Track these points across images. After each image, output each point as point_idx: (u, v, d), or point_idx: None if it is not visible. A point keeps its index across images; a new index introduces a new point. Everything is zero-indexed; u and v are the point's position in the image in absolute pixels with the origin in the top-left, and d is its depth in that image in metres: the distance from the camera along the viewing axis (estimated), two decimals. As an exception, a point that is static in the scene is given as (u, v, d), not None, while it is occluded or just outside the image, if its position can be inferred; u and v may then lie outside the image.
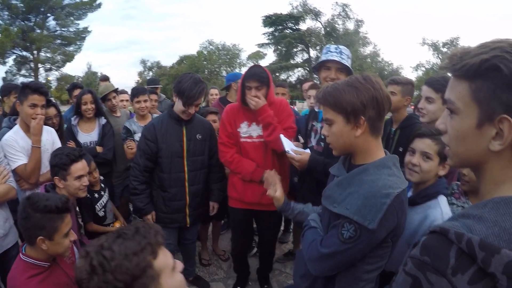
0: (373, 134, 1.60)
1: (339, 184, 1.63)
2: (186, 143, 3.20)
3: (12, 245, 2.87)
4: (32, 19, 42.31)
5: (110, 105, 4.54)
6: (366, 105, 1.51)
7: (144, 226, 1.20)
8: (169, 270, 1.20)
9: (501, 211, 0.82)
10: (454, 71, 0.91)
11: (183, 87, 3.02)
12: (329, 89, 1.59)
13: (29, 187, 2.94)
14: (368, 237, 1.44)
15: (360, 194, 1.48)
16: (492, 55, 0.82)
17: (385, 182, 1.47)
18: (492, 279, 0.75)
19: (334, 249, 1.52)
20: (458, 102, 0.90)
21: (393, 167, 1.56)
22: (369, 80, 1.55)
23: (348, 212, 1.48)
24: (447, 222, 0.88)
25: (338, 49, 2.77)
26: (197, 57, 52.05)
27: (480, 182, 0.95)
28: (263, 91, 2.92)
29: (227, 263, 4.38)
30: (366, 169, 1.56)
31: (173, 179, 3.20)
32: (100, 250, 1.10)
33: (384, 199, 1.42)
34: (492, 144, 0.86)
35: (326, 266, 1.59)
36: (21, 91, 2.94)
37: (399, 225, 1.50)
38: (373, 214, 1.41)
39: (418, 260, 0.86)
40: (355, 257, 1.52)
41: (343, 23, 47.23)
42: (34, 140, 2.89)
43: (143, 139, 3.18)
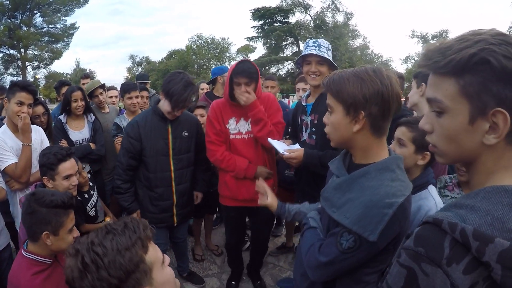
0: (375, 132, 1.47)
1: (338, 187, 1.53)
2: (171, 141, 3.12)
3: (4, 247, 2.85)
4: (19, 16, 41.73)
5: (97, 101, 4.49)
6: (368, 99, 1.39)
7: (132, 221, 1.19)
8: (159, 263, 1.19)
9: (493, 200, 0.82)
10: (438, 68, 0.88)
11: (172, 90, 2.90)
12: (335, 77, 1.48)
13: (20, 187, 2.90)
14: (368, 248, 1.37)
15: (360, 203, 1.39)
16: (479, 48, 0.81)
17: (388, 190, 1.37)
18: (486, 268, 0.76)
19: (332, 258, 1.45)
20: (446, 100, 0.89)
21: (397, 170, 1.44)
22: (379, 73, 1.42)
23: (347, 221, 1.40)
24: (440, 213, 0.88)
25: (317, 43, 2.81)
26: (186, 52, 51.70)
27: (472, 174, 0.95)
28: (252, 86, 2.87)
29: (221, 258, 4.38)
30: (367, 172, 1.45)
31: (159, 178, 3.13)
32: (91, 247, 1.08)
33: (386, 210, 1.33)
34: (487, 138, 0.85)
35: (323, 273, 1.54)
36: (9, 89, 2.92)
37: (402, 232, 1.40)
38: (374, 225, 1.33)
39: (413, 251, 0.86)
40: (354, 266, 1.46)
41: (332, 15, 47.19)
42: (23, 138, 2.85)
43: (126, 137, 3.10)
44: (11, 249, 3.03)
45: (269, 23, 49.39)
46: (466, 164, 0.96)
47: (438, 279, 0.80)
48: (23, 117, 2.82)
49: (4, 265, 2.86)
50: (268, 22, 49.42)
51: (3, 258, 2.85)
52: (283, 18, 49.04)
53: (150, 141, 3.06)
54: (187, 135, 3.21)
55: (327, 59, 2.75)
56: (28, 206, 1.89)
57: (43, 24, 43.92)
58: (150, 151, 3.07)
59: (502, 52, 0.79)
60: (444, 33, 45.55)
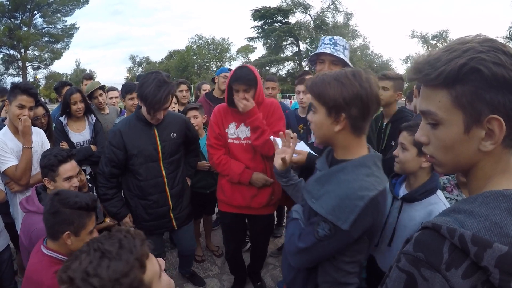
0: (354, 132, 1.57)
1: (318, 180, 1.65)
2: (160, 145, 2.98)
3: (4, 248, 2.86)
4: (19, 16, 41.74)
5: (97, 102, 4.50)
6: (348, 102, 1.48)
7: (127, 237, 1.11)
8: (157, 277, 1.15)
9: (491, 205, 0.83)
10: (429, 81, 0.89)
11: (146, 92, 2.74)
12: (317, 79, 1.57)
13: (19, 189, 2.90)
14: (342, 236, 1.48)
15: (336, 195, 1.50)
16: (468, 57, 0.81)
17: (361, 184, 1.48)
18: (484, 272, 0.77)
19: (310, 245, 1.56)
20: (440, 111, 0.89)
21: (372, 167, 1.55)
22: (358, 77, 1.50)
23: (323, 211, 1.51)
24: (439, 218, 0.89)
25: (332, 40, 2.68)
26: (186, 52, 51.72)
27: (470, 180, 0.96)
28: (251, 93, 2.79)
29: (221, 259, 4.38)
30: (344, 167, 1.56)
31: (151, 185, 2.99)
32: (86, 278, 0.99)
33: (358, 202, 1.43)
34: (483, 145, 0.86)
35: (303, 259, 1.65)
36: (10, 91, 2.91)
37: (375, 224, 1.53)
38: (346, 215, 1.44)
39: (412, 256, 0.87)
40: (330, 253, 1.57)
41: (332, 16, 47.18)
42: (24, 141, 2.85)
43: (109, 146, 2.94)
44: (11, 250, 3.03)
45: (269, 23, 49.40)
46: (464, 171, 0.96)
47: (437, 284, 0.81)
48: (24, 119, 2.81)
49: (4, 266, 2.87)
50: (268, 22, 49.43)
51: (3, 259, 2.86)
52: (283, 19, 49.06)
53: (137, 149, 2.91)
54: (176, 136, 3.08)
55: (342, 59, 2.64)
56: (51, 205, 1.91)
57: (43, 25, 43.98)
58: (139, 159, 2.93)
59: (491, 59, 0.80)
60: (444, 33, 45.60)
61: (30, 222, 2.33)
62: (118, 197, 3.06)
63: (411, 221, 1.98)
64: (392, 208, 2.12)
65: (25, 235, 2.34)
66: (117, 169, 2.98)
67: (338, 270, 1.64)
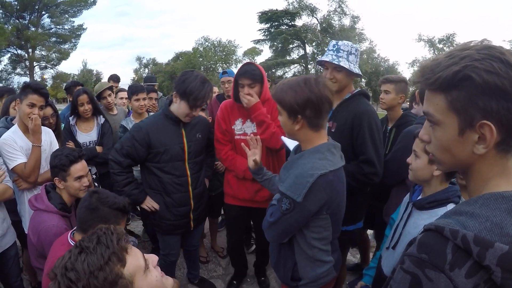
0: (312, 128, 1.87)
1: (285, 166, 2.03)
2: (187, 145, 2.99)
3: (10, 245, 2.89)
4: (27, 17, 42.08)
5: (106, 103, 4.53)
6: (301, 106, 1.79)
7: (106, 233, 1.14)
8: (141, 271, 1.16)
9: (492, 206, 0.87)
10: (428, 85, 0.94)
11: (190, 88, 2.76)
12: (278, 88, 1.91)
13: (28, 186, 2.94)
14: (300, 209, 1.77)
15: (294, 175, 1.82)
16: (463, 65, 0.85)
17: (313, 165, 1.78)
18: (487, 271, 0.80)
19: (277, 218, 1.86)
20: (437, 114, 0.94)
21: (326, 152, 1.85)
22: (309, 83, 1.81)
23: (284, 188, 1.83)
24: (441, 220, 0.92)
25: (336, 47, 2.70)
26: (193, 54, 51.81)
27: (469, 181, 0.99)
28: (256, 89, 2.88)
29: (226, 260, 4.39)
30: (303, 154, 1.89)
31: (176, 183, 3.00)
32: (64, 272, 1.04)
33: (308, 178, 1.73)
34: (477, 148, 0.90)
35: (274, 232, 1.95)
36: (21, 90, 2.95)
37: (331, 200, 1.82)
38: (300, 190, 1.74)
39: (416, 257, 0.89)
40: (293, 225, 1.86)
41: (339, 19, 47.09)
42: (34, 139, 2.89)
43: (132, 140, 2.90)
44: (17, 248, 3.06)
45: (275, 26, 49.39)
46: (463, 171, 1.00)
47: (442, 284, 0.83)
48: (34, 118, 2.85)
49: (11, 262, 2.90)
50: (274, 25, 49.42)
51: (10, 255, 2.89)
52: (290, 21, 49.02)
53: (165, 147, 2.91)
54: (201, 137, 3.11)
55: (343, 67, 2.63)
56: (90, 202, 2.00)
57: (51, 25, 44.27)
58: (165, 157, 2.93)
59: (484, 67, 0.83)
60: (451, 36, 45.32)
61: (39, 220, 2.36)
62: (136, 181, 3.06)
63: (415, 229, 1.90)
64: (405, 212, 2.12)
65: (33, 232, 2.37)
66: (134, 162, 2.99)
67: (310, 247, 1.93)
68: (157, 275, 1.22)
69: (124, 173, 2.97)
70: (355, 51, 2.73)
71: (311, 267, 1.97)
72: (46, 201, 2.42)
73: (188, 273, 3.83)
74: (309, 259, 1.96)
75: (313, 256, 1.94)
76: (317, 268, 1.97)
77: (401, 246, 2.03)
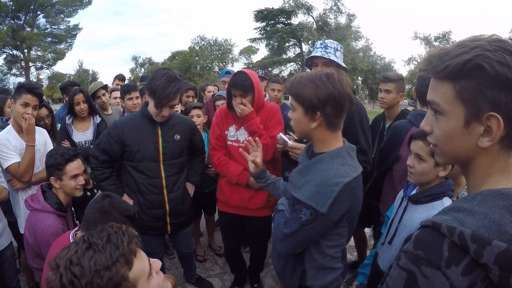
0: (330, 128, 1.73)
1: (300, 171, 1.82)
2: (162, 146, 2.91)
3: (6, 246, 2.87)
4: (22, 17, 42.01)
5: (100, 102, 4.52)
6: (322, 102, 1.64)
7: (116, 232, 1.11)
8: (145, 276, 1.13)
9: (490, 203, 0.84)
10: (436, 73, 0.91)
11: (155, 86, 2.73)
12: (295, 81, 1.73)
13: (22, 186, 2.93)
14: (322, 220, 1.64)
15: (314, 182, 1.66)
16: (474, 54, 0.83)
17: (336, 172, 1.64)
18: (484, 269, 0.79)
19: (294, 230, 1.72)
20: (443, 103, 0.91)
21: (346, 157, 1.72)
22: (331, 78, 1.65)
23: (304, 197, 1.67)
24: (438, 216, 0.90)
25: (323, 44, 2.81)
26: (189, 53, 51.77)
27: (468, 176, 0.97)
28: (248, 98, 2.82)
29: (223, 259, 4.37)
30: (321, 158, 1.72)
31: (149, 184, 2.93)
32: (69, 266, 1.01)
33: (333, 187, 1.60)
34: (481, 141, 0.87)
35: (289, 244, 1.81)
36: (16, 90, 2.94)
37: (353, 208, 1.70)
38: (324, 199, 1.60)
39: (412, 254, 0.88)
40: (313, 236, 1.73)
41: (335, 17, 47.27)
42: (28, 138, 2.88)
43: (108, 136, 2.89)
44: (13, 248, 3.04)
45: (271, 24, 49.48)
46: (463, 166, 0.98)
47: (438, 281, 0.82)
48: (28, 118, 2.84)
49: (7, 263, 2.89)
50: (270, 23, 49.51)
51: (6, 256, 2.87)
52: (286, 20, 49.10)
53: (139, 146, 2.86)
54: (179, 138, 3.01)
55: (333, 60, 2.73)
56: (102, 205, 1.98)
57: (46, 25, 44.23)
58: (139, 156, 2.88)
59: (496, 58, 0.81)
60: (447, 34, 45.57)
61: (35, 220, 2.36)
62: (115, 177, 3.00)
63: (411, 222, 1.97)
64: (400, 207, 2.15)
65: (30, 233, 2.36)
66: (110, 158, 2.94)
67: (323, 255, 1.81)
68: (159, 282, 1.20)
69: (101, 168, 2.93)
70: (340, 48, 2.85)
71: (321, 274, 1.86)
72: (42, 201, 2.41)
73: (185, 274, 3.81)
74: (320, 267, 1.85)
75: (324, 264, 1.84)
76: (327, 276, 1.87)
77: (397, 240, 2.06)
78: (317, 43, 2.86)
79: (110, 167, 2.97)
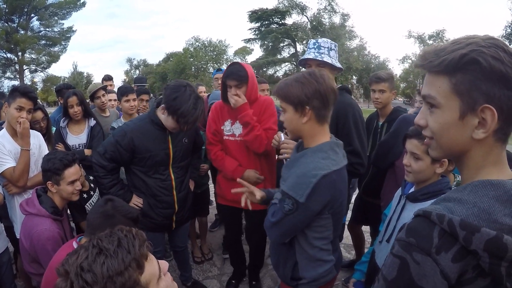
0: (319, 121, 1.85)
1: (287, 165, 1.99)
2: (172, 151, 2.94)
3: (3, 251, 2.86)
4: (16, 20, 41.73)
5: (100, 102, 4.49)
6: (310, 97, 1.77)
7: (127, 236, 1.09)
8: (156, 279, 1.12)
9: (480, 193, 0.88)
10: (432, 67, 0.94)
11: (182, 110, 2.62)
12: (281, 84, 1.87)
13: (17, 191, 2.90)
14: (303, 209, 1.75)
15: (296, 174, 1.80)
16: (470, 49, 0.87)
17: (316, 165, 1.75)
18: (474, 256, 0.82)
19: (279, 219, 1.83)
20: (439, 96, 0.94)
21: (329, 151, 1.82)
22: (314, 75, 1.81)
23: (286, 188, 1.81)
24: (430, 206, 0.95)
25: (316, 44, 2.78)
26: (184, 54, 51.73)
27: (462, 169, 1.00)
28: (243, 89, 2.87)
29: (221, 260, 4.37)
30: (305, 153, 1.85)
31: (160, 187, 2.97)
32: (80, 273, 0.97)
33: (311, 179, 1.71)
34: (476, 133, 0.90)
35: (276, 232, 1.92)
36: (10, 93, 2.93)
37: (334, 199, 1.80)
38: (303, 190, 1.72)
39: (404, 241, 0.92)
40: (296, 225, 1.84)
41: (329, 17, 47.31)
42: (22, 143, 2.85)
43: (116, 145, 2.81)
44: (10, 253, 3.03)
45: (266, 25, 49.55)
46: (457, 159, 1.00)
47: (428, 267, 0.86)
48: (22, 122, 2.82)
49: (4, 269, 2.87)
50: (265, 24, 49.58)
51: (2, 262, 2.86)
52: (280, 20, 49.19)
53: (150, 153, 2.85)
54: (187, 141, 3.06)
55: (326, 62, 2.71)
56: (105, 209, 2.00)
57: (40, 28, 44.01)
58: (150, 163, 2.89)
59: (490, 54, 0.85)
60: (440, 33, 45.77)
61: (30, 224, 2.34)
62: (122, 181, 3.03)
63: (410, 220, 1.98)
64: (397, 205, 2.17)
65: (25, 237, 2.35)
66: (118, 165, 2.95)
67: (311, 246, 1.91)
68: (168, 283, 1.19)
69: (109, 175, 2.91)
70: (334, 47, 2.83)
71: (312, 266, 1.95)
72: (37, 205, 2.40)
73: (181, 275, 3.80)
74: (310, 259, 1.94)
75: (314, 255, 1.93)
76: (318, 268, 1.95)
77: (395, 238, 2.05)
78: (310, 43, 2.84)
79: (116, 173, 2.99)
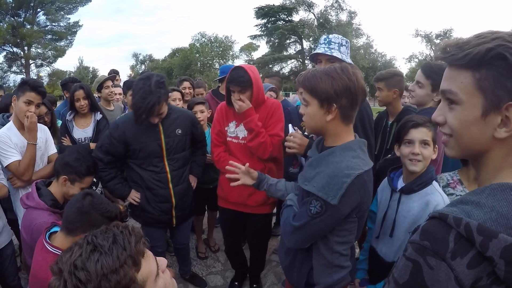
0: (344, 121, 1.74)
1: (310, 164, 1.83)
2: (164, 141, 2.96)
3: (7, 244, 2.86)
4: (22, 14, 41.81)
5: (108, 92, 4.53)
6: (339, 94, 1.66)
7: (123, 233, 1.05)
8: (153, 277, 1.09)
9: (498, 197, 0.83)
10: (454, 61, 0.90)
11: (133, 102, 2.76)
12: (309, 75, 1.74)
13: (22, 184, 2.89)
14: (332, 212, 1.62)
15: (325, 174, 1.66)
16: (496, 44, 0.82)
17: (348, 164, 1.64)
18: (490, 263, 0.78)
19: (304, 223, 1.71)
20: (461, 92, 0.89)
21: (358, 150, 1.72)
22: (346, 71, 1.68)
23: (314, 189, 1.66)
24: (446, 208, 0.90)
25: (327, 40, 2.79)
26: (190, 50, 51.70)
27: (480, 170, 0.96)
28: (247, 94, 2.78)
29: (224, 256, 4.32)
30: (333, 151, 1.73)
31: (155, 179, 3.00)
32: (74, 271, 0.95)
33: (345, 179, 1.59)
34: (498, 132, 0.86)
35: (298, 238, 1.79)
36: (19, 87, 2.91)
37: (363, 202, 1.69)
38: (335, 191, 1.59)
39: (418, 244, 0.87)
40: (322, 230, 1.71)
41: (336, 14, 47.07)
42: (29, 137, 2.84)
43: (110, 137, 2.93)
44: (14, 246, 3.04)
45: (272, 21, 49.29)
46: (474, 160, 0.97)
47: (442, 272, 0.82)
48: (30, 116, 2.81)
49: (7, 262, 2.88)
50: (271, 20, 49.32)
51: (6, 255, 2.87)
52: (287, 17, 48.95)
53: (141, 144, 2.91)
54: (181, 133, 3.05)
55: (336, 57, 2.70)
56: (82, 204, 1.94)
57: (46, 22, 44.06)
58: (143, 153, 2.93)
59: None
60: (448, 32, 45.48)
61: (30, 218, 2.33)
62: (120, 175, 3.08)
63: (410, 212, 2.08)
64: (391, 200, 2.22)
65: (26, 231, 2.34)
66: (115, 159, 3.00)
67: (331, 251, 1.80)
68: (167, 281, 1.17)
69: (106, 169, 2.98)
70: (345, 43, 2.81)
71: (328, 272, 1.85)
72: (36, 198, 2.38)
73: (180, 269, 3.80)
74: (328, 265, 1.84)
75: (332, 261, 1.82)
76: (334, 274, 1.86)
77: (398, 232, 2.16)
78: (321, 39, 2.84)
79: (114, 167, 3.02)
